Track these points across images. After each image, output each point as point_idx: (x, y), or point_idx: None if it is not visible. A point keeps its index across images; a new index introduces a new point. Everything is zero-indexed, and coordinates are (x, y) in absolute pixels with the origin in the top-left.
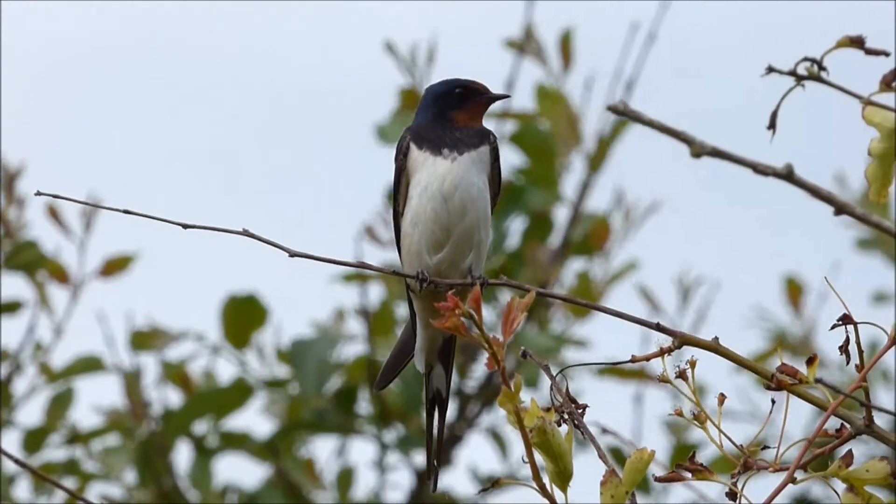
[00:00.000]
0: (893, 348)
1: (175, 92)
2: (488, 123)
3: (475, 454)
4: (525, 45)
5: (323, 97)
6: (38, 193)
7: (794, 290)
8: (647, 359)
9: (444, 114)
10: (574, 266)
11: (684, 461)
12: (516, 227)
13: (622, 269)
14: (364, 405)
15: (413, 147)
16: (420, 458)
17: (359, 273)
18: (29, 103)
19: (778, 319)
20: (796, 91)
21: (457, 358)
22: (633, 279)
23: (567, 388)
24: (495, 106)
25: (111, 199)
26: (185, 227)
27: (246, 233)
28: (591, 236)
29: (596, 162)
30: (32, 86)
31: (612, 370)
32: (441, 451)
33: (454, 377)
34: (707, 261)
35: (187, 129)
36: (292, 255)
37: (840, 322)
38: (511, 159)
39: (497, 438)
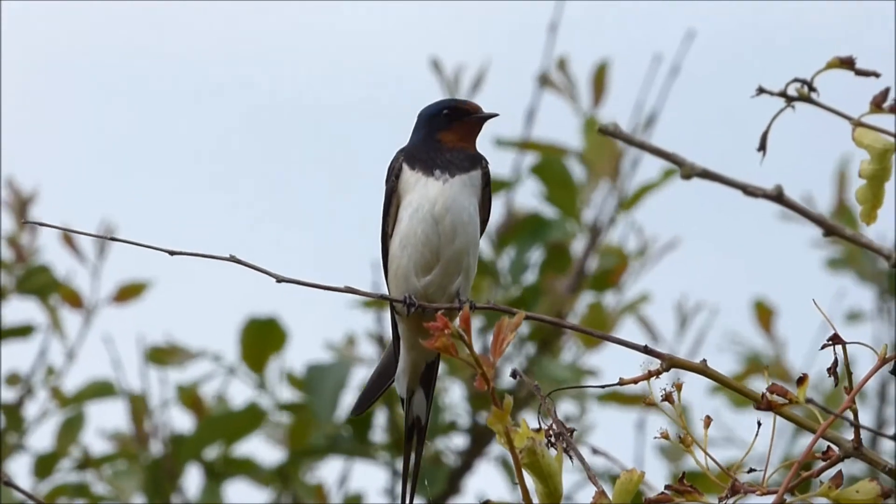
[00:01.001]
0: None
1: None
2: (507, 152)
3: (484, 483)
4: (555, 80)
5: (351, 119)
6: (25, 222)
7: (763, 313)
8: (636, 381)
9: (434, 135)
10: (589, 298)
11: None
12: (535, 258)
13: (635, 300)
14: (378, 432)
15: (405, 168)
16: (431, 487)
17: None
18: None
19: (750, 342)
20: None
21: (470, 387)
22: (642, 312)
23: (554, 410)
24: (516, 134)
25: (124, 221)
26: (172, 253)
27: (233, 259)
28: (611, 271)
29: (629, 204)
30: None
31: (614, 397)
32: (417, 478)
33: (468, 408)
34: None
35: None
36: (279, 280)
37: (830, 342)
38: (533, 190)
39: (507, 466)
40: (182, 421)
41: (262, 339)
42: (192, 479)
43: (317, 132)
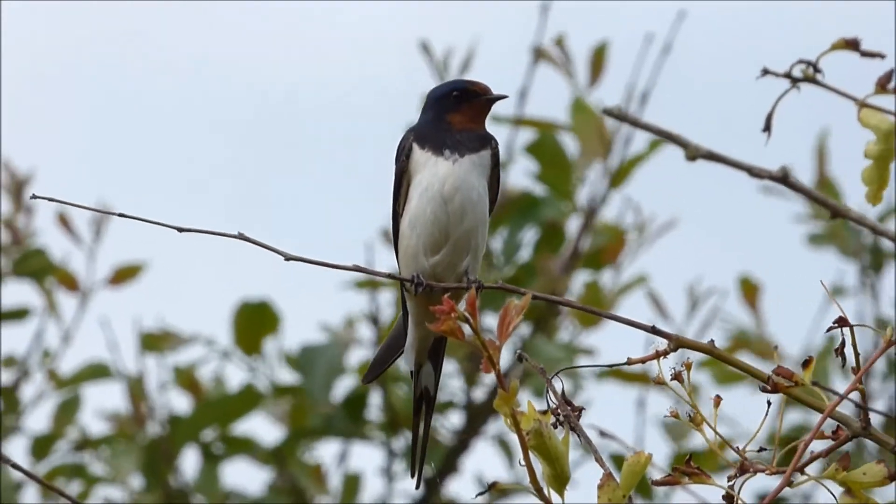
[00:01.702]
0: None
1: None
2: (501, 129)
3: (482, 462)
4: (552, 55)
5: (343, 100)
6: (34, 197)
7: (749, 290)
8: (643, 361)
9: (443, 116)
10: (584, 277)
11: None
12: (529, 237)
13: (632, 281)
14: (374, 412)
15: (416, 147)
16: (429, 467)
17: (370, 280)
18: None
19: (737, 320)
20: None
21: (465, 366)
22: (644, 291)
23: (563, 391)
24: (509, 112)
25: (119, 207)
26: (181, 230)
27: (241, 236)
28: (605, 249)
29: (619, 178)
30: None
31: (615, 374)
32: (426, 449)
33: (462, 385)
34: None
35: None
36: (288, 258)
37: (836, 325)
38: (526, 168)
39: (504, 446)
40: (179, 402)
41: (255, 322)
42: (190, 461)
43: (304, 119)
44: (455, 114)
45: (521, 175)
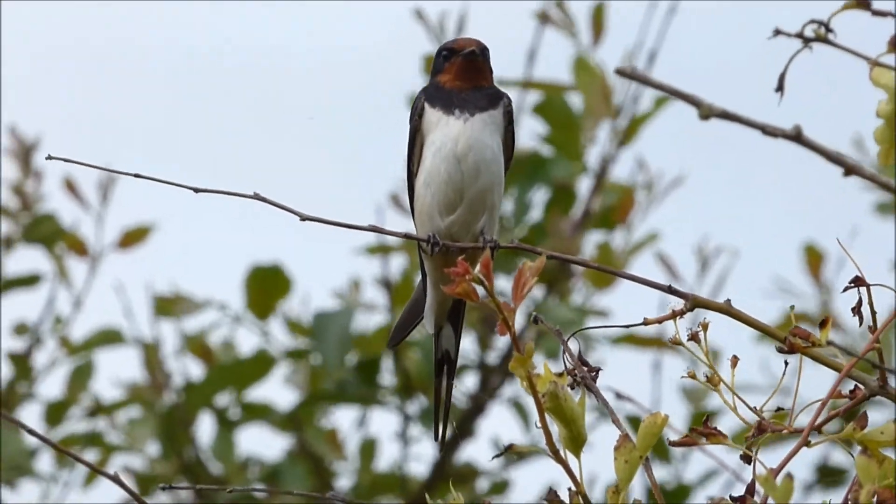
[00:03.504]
0: None
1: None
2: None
3: (498, 425)
4: (554, 16)
5: (345, 66)
6: (49, 158)
7: (813, 258)
8: (660, 321)
9: (435, 77)
10: (595, 238)
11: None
12: (539, 198)
13: (643, 239)
14: (387, 376)
15: (427, 107)
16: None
17: (381, 244)
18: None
19: (797, 289)
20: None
21: (479, 329)
22: (654, 250)
23: (580, 352)
24: (517, 74)
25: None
26: (197, 191)
27: (257, 196)
28: (615, 208)
29: (626, 137)
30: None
31: (630, 338)
32: (448, 411)
33: (476, 348)
34: (729, 230)
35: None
36: (304, 218)
37: (852, 284)
38: (534, 129)
39: (519, 409)
40: (191, 369)
41: (267, 286)
42: (205, 427)
43: (301, 88)
44: (443, 74)
45: (529, 136)
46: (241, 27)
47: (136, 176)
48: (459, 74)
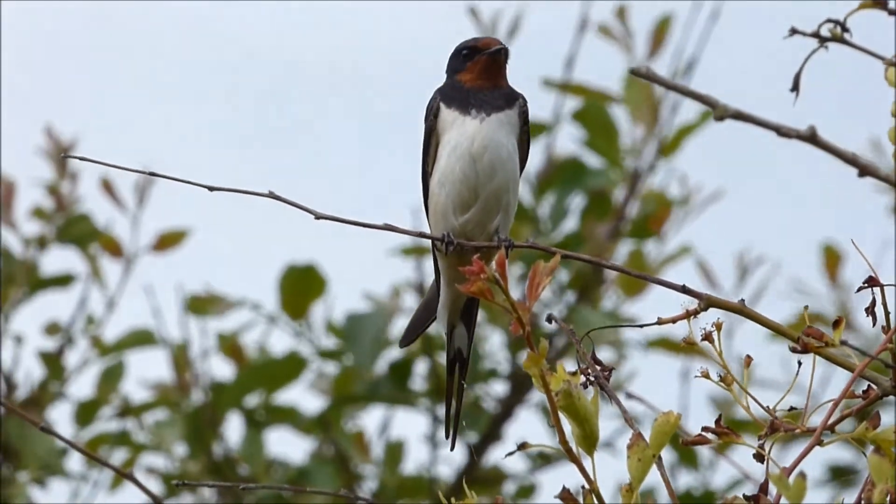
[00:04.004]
0: None
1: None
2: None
3: (525, 430)
4: (611, 28)
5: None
6: (66, 156)
7: (831, 259)
8: (674, 321)
9: (455, 76)
10: (629, 246)
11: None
12: (576, 204)
13: (677, 251)
14: (419, 380)
15: (443, 107)
16: (472, 434)
17: (416, 246)
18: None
19: (815, 290)
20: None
21: (509, 333)
22: (692, 260)
23: (593, 351)
24: (556, 77)
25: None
26: (211, 189)
27: (272, 195)
28: (651, 217)
29: (669, 149)
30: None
31: (660, 345)
32: (460, 410)
33: (507, 355)
34: (764, 238)
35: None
36: (318, 217)
37: (866, 285)
38: (572, 134)
39: (546, 413)
40: (222, 369)
41: (301, 286)
42: (234, 428)
43: (351, 84)
44: (464, 72)
45: (567, 141)
46: (291, 29)
47: (152, 174)
48: (483, 73)
